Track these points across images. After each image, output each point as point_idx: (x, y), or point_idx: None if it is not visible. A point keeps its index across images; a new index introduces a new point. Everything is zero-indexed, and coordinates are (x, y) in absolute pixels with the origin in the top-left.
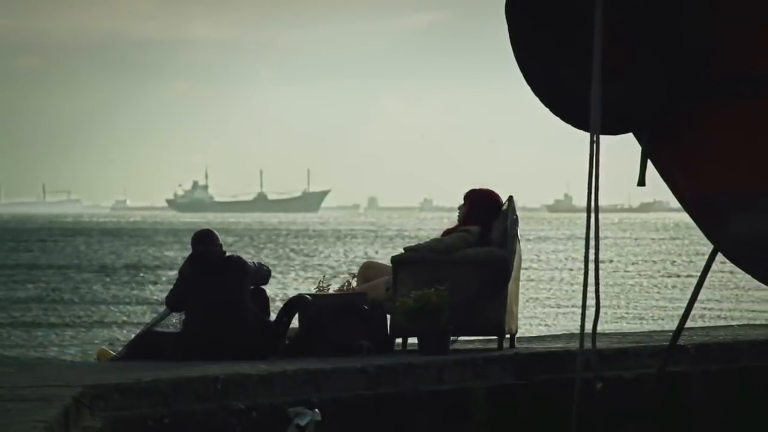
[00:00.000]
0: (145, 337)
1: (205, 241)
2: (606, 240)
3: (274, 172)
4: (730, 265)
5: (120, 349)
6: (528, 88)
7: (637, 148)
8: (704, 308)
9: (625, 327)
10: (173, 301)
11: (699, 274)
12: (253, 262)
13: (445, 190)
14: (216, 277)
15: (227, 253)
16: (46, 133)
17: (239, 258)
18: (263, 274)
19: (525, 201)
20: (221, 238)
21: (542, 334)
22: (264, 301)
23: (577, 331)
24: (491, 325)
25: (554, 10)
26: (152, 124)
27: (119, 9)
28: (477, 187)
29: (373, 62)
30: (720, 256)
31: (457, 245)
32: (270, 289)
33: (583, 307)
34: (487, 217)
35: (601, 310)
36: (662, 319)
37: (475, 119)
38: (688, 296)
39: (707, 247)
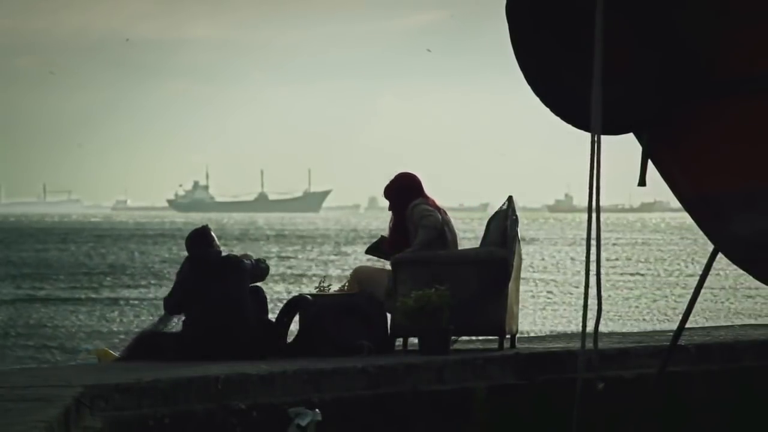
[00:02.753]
0: (145, 337)
1: (201, 242)
2: (608, 239)
3: (275, 172)
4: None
5: (122, 350)
6: (528, 88)
7: (637, 148)
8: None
9: (625, 327)
10: (174, 305)
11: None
12: (251, 261)
13: (446, 190)
14: (215, 278)
15: (223, 253)
16: (46, 133)
17: (236, 257)
18: (260, 271)
19: (525, 201)
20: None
21: (543, 334)
22: (262, 300)
23: (578, 330)
24: (491, 325)
25: (555, 10)
26: (152, 124)
27: (118, 9)
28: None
29: (373, 62)
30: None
31: (431, 238)
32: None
33: (585, 306)
34: (404, 196)
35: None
36: (663, 321)
37: (475, 119)
38: (689, 296)
39: (708, 247)
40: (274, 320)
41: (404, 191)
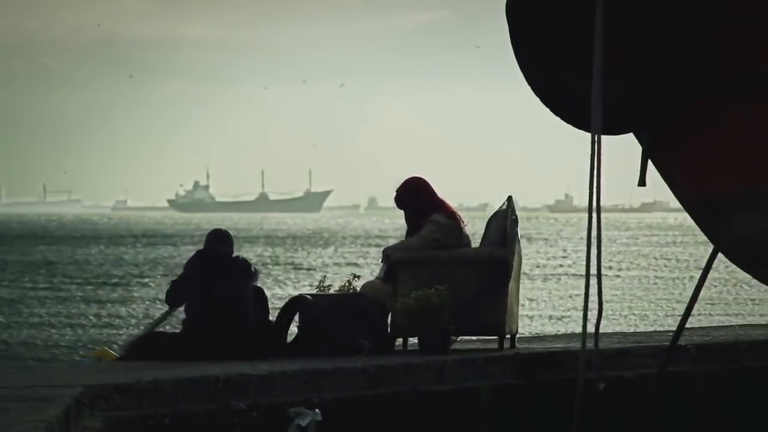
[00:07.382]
0: (145, 337)
1: (219, 240)
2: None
3: (275, 172)
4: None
5: (122, 350)
6: (528, 88)
7: (637, 148)
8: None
9: (625, 327)
10: (177, 296)
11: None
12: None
13: (445, 191)
14: (224, 277)
15: (233, 254)
16: (46, 133)
17: (245, 260)
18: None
19: (525, 201)
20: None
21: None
22: (263, 300)
23: (578, 331)
24: (492, 325)
25: (555, 10)
26: (152, 124)
27: (117, 9)
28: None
29: (372, 62)
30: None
31: (428, 241)
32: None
33: (585, 306)
34: (413, 201)
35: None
36: (663, 320)
37: (475, 119)
38: (689, 296)
39: (708, 247)
40: (274, 320)
41: (414, 197)
